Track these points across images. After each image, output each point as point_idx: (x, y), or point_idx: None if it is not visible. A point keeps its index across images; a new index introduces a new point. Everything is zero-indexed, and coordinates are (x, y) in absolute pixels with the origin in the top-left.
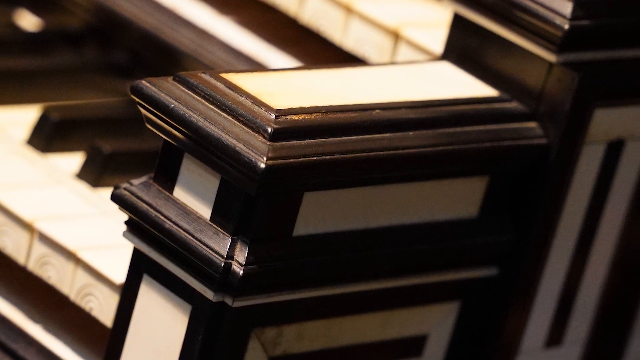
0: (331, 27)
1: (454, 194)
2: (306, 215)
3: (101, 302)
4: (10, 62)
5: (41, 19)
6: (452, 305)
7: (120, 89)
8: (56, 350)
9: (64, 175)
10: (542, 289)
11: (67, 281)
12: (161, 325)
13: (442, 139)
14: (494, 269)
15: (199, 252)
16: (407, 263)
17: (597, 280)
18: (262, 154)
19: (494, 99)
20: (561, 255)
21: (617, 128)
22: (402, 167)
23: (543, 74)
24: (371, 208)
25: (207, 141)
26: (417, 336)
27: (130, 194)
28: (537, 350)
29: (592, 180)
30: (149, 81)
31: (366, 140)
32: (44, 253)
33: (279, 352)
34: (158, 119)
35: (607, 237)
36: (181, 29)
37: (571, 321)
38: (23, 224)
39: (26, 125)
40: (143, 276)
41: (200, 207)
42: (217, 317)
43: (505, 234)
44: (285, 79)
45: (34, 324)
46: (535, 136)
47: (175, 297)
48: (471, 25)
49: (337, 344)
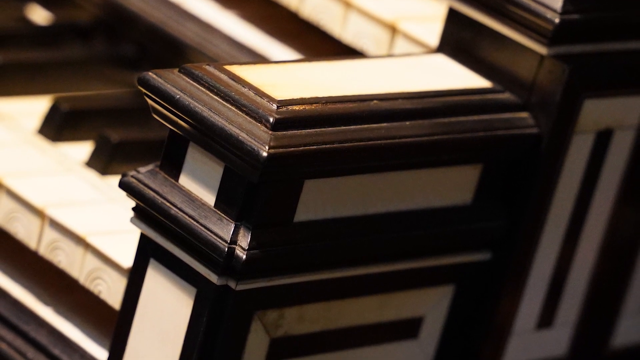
0: (331, 21)
1: (448, 182)
2: (307, 202)
3: (109, 285)
4: (21, 54)
5: (51, 13)
6: (447, 289)
7: (127, 81)
8: (66, 332)
9: (73, 164)
10: (534, 273)
11: (76, 265)
12: (167, 308)
13: (437, 129)
14: (487, 253)
15: (203, 238)
16: (403, 248)
17: (586, 265)
18: (264, 143)
19: (487, 90)
20: (552, 240)
21: (606, 118)
22: (399, 155)
23: (534, 66)
24: (369, 195)
25: (211, 131)
26: (413, 318)
27: (137, 182)
28: (529, 332)
29: (582, 169)
30: (156, 73)
31: (364, 129)
32: (55, 238)
33: (280, 334)
34: (164, 109)
35: (596, 223)
36: (186, 22)
37: (561, 304)
38: (34, 211)
39: (37, 116)
40: (150, 260)
41: (204, 194)
42: (221, 300)
43: (498, 220)
44: (286, 71)
45: (44, 306)
46: (527, 126)
47: (180, 281)
48: (465, 19)
49: (336, 326)
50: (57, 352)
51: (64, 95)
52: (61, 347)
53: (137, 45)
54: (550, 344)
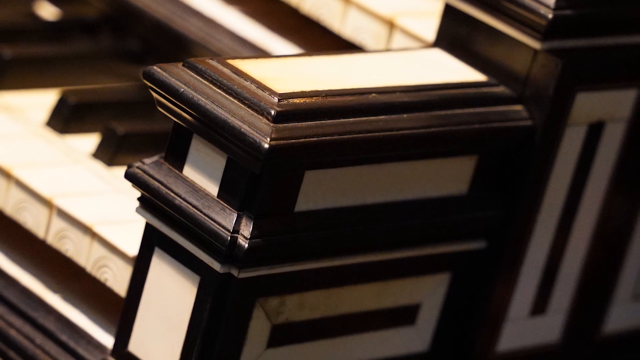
0: (330, 16)
1: (445, 172)
2: (307, 192)
3: (115, 273)
4: (30, 49)
5: (59, 9)
6: (443, 276)
7: (133, 75)
8: (73, 319)
9: (80, 155)
10: (528, 261)
11: (83, 254)
12: (171, 295)
13: (434, 121)
14: (482, 242)
15: (207, 227)
16: (401, 237)
17: (579, 253)
18: (265, 135)
19: (482, 84)
20: (545, 229)
21: (597, 111)
22: (397, 147)
23: (528, 60)
24: (368, 185)
25: (214, 123)
26: (410, 305)
27: (142, 173)
28: (523, 318)
29: (575, 160)
30: (160, 67)
31: (363, 122)
32: (62, 227)
33: (281, 320)
34: (168, 102)
35: (589, 213)
36: (190, 18)
37: (555, 291)
38: (42, 201)
39: (45, 108)
40: (154, 249)
41: (208, 185)
42: (223, 288)
43: (493, 209)
44: (287, 65)
45: (52, 293)
46: (521, 118)
47: (184, 269)
48: (461, 14)
49: (335, 313)
50: (65, 338)
51: (71, 89)
52: (68, 333)
53: (142, 40)
54: (544, 330)
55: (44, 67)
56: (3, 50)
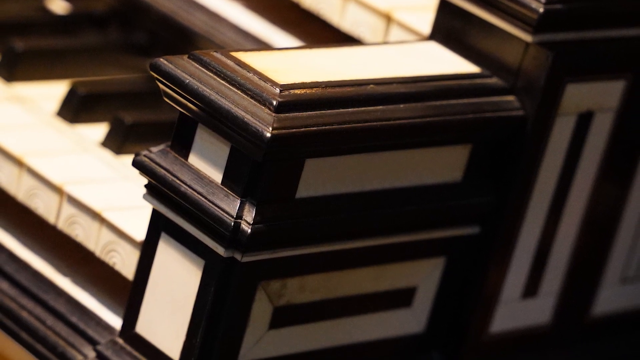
0: (330, 10)
1: (440, 160)
2: (307, 180)
3: (123, 257)
4: (41, 42)
5: (69, 4)
6: (438, 260)
7: (140, 66)
8: (83, 301)
9: (90, 144)
10: (520, 246)
11: (92, 239)
12: (177, 278)
13: (429, 111)
14: (476, 227)
15: (211, 213)
16: (398, 222)
17: (569, 238)
18: (268, 125)
19: (476, 75)
20: (537, 215)
21: (587, 101)
22: (394, 136)
23: (520, 53)
24: (366, 173)
25: (218, 113)
26: (407, 288)
27: (149, 161)
28: (515, 301)
29: (565, 148)
30: (167, 59)
31: (361, 112)
32: (72, 213)
33: (283, 302)
34: (174, 93)
35: (578, 199)
36: (195, 12)
37: (545, 274)
38: (53, 187)
39: (56, 99)
40: (161, 234)
41: (212, 172)
42: (227, 271)
43: (487, 196)
44: (288, 57)
45: (63, 277)
46: (513, 108)
47: (190, 253)
48: (456, 8)
49: (335, 295)
50: (75, 320)
51: (81, 80)
52: (78, 314)
53: (149, 33)
54: (535, 312)
55: (55, 59)
56: (15, 43)
